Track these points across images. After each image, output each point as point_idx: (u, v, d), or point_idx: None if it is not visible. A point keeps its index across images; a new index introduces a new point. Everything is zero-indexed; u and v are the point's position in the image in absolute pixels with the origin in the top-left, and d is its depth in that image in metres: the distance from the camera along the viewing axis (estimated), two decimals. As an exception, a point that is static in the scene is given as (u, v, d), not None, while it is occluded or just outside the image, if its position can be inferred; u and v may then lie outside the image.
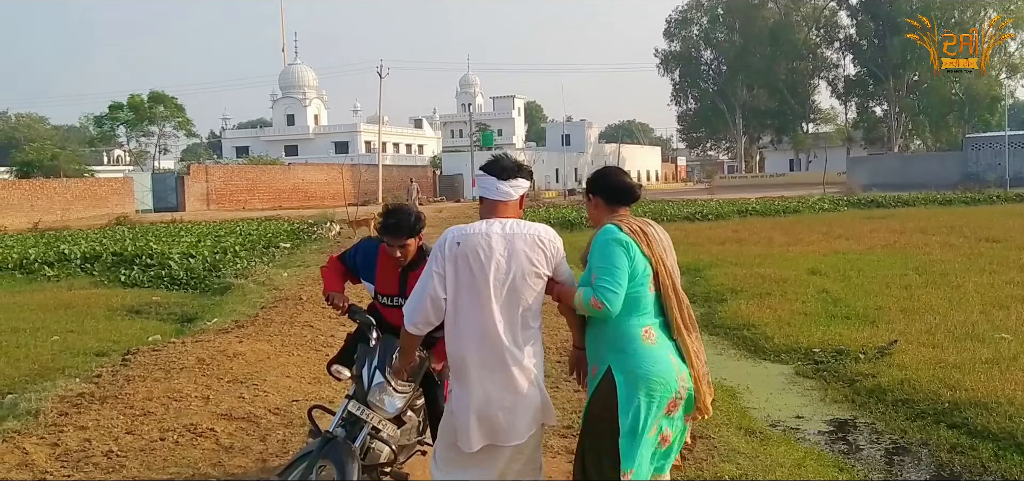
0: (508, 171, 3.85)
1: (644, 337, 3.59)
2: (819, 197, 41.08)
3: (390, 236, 4.60)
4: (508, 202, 3.84)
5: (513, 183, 3.85)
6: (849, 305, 11.96)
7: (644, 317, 3.63)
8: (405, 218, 4.59)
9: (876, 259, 17.08)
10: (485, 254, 3.62)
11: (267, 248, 22.74)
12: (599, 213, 3.92)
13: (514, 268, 3.63)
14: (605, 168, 4.08)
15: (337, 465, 4.12)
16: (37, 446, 6.05)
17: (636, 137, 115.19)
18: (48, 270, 18.23)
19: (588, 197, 4.01)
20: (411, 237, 4.63)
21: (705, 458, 5.47)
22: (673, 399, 3.60)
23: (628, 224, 3.73)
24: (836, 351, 9.23)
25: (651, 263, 3.67)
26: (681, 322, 3.71)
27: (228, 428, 6.40)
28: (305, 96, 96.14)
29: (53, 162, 56.47)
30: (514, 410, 3.63)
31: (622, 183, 3.95)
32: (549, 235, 3.78)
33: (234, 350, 9.03)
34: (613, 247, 3.60)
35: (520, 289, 3.63)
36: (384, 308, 4.87)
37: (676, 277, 3.76)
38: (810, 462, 5.78)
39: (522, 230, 3.71)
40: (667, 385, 3.57)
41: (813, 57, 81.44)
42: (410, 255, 4.68)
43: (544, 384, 3.79)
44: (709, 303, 13.22)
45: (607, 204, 3.91)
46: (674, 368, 3.61)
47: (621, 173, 4.04)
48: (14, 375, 8.90)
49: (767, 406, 7.67)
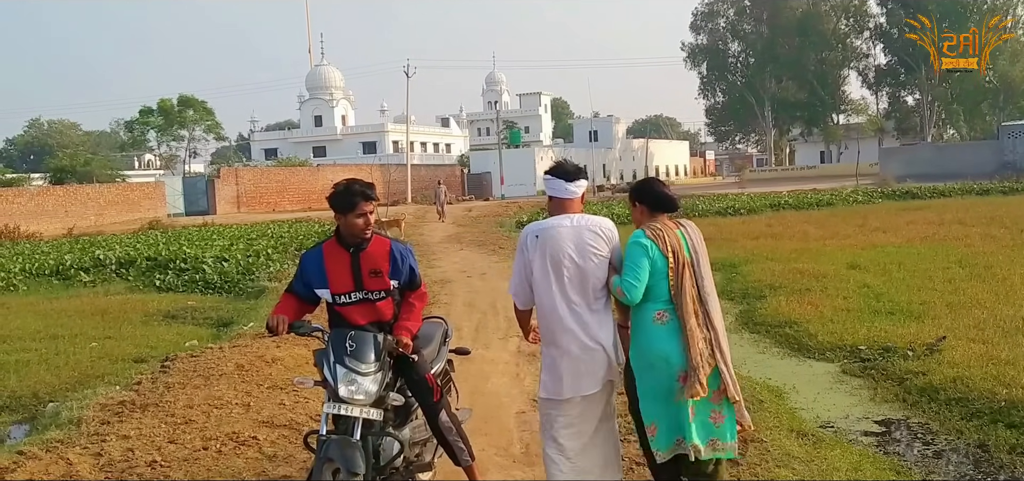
0: (572, 174, 4.62)
1: (656, 319, 4.37)
2: (852, 189, 40.60)
3: (362, 200, 4.56)
4: (574, 199, 4.61)
5: (577, 183, 4.62)
6: (892, 300, 11.73)
7: (658, 303, 4.39)
8: (359, 184, 4.63)
9: (916, 252, 16.78)
10: (562, 244, 4.43)
11: (299, 250, 22.75)
12: (643, 218, 4.61)
13: (583, 253, 4.43)
14: (649, 180, 4.80)
15: (341, 461, 4.10)
16: (81, 456, 6.03)
17: (664, 132, 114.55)
18: (84, 276, 18.37)
19: (634, 204, 4.70)
20: (371, 199, 4.60)
21: (759, 463, 5.33)
22: (679, 374, 4.28)
23: (652, 229, 4.45)
24: (883, 348, 9.02)
25: (668, 261, 4.37)
26: (685, 311, 4.35)
27: (270, 436, 6.35)
28: (332, 97, 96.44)
29: (86, 168, 57.07)
30: (590, 366, 4.43)
31: (664, 194, 4.64)
32: (608, 225, 4.60)
33: (272, 355, 8.99)
34: (635, 249, 4.40)
35: (587, 270, 4.44)
36: (343, 308, 4.64)
37: (696, 271, 4.46)
38: (867, 466, 5.62)
39: (587, 222, 4.52)
40: (667, 361, 4.31)
41: (843, 47, 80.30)
42: (371, 223, 4.62)
43: (612, 349, 4.50)
44: (747, 300, 13.02)
45: (651, 211, 4.60)
46: (679, 347, 4.29)
47: (662, 185, 4.73)
48: (55, 383, 8.94)
49: (816, 406, 7.50)
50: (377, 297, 4.65)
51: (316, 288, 4.69)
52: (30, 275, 18.52)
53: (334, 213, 4.64)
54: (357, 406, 4.23)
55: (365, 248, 4.65)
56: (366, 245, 4.65)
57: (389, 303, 4.69)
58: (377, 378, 4.28)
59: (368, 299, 4.64)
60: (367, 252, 4.65)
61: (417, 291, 4.79)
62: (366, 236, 4.62)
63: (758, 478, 5.11)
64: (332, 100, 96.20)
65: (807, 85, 79.32)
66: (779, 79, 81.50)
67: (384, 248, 4.69)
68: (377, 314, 4.65)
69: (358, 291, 4.61)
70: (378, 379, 4.29)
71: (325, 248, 4.73)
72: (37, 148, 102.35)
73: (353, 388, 4.23)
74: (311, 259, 4.75)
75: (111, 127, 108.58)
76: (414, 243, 19.35)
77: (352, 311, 4.64)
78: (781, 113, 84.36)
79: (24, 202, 42.09)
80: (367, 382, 4.25)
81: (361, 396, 4.23)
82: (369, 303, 4.65)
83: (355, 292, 4.62)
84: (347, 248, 4.65)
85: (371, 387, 4.26)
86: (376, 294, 4.65)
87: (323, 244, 4.76)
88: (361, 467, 4.13)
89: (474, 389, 5.07)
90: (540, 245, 4.47)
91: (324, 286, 4.66)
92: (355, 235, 4.61)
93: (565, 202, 4.60)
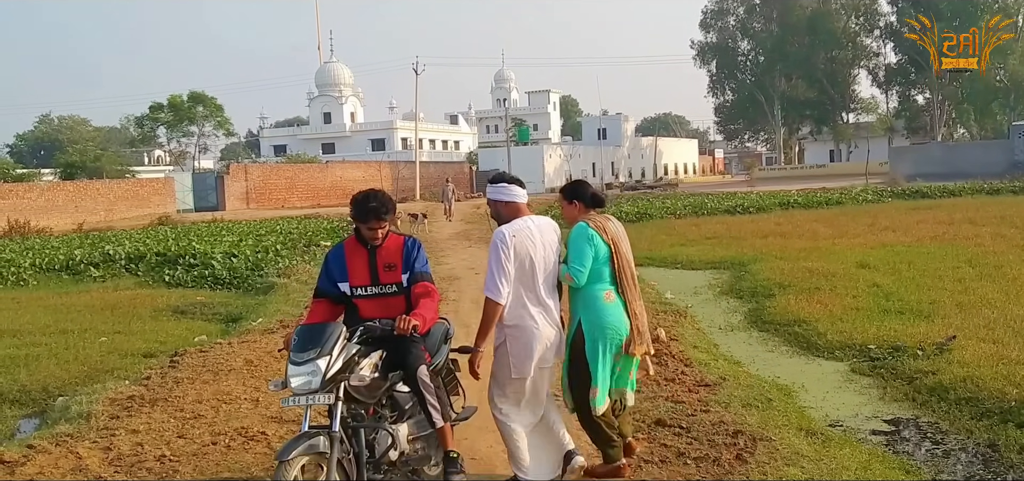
0: (519, 182, 5.28)
1: (605, 298, 5.16)
2: (862, 188, 40.44)
3: (374, 219, 4.84)
4: (525, 203, 5.26)
5: (524, 191, 5.27)
6: (902, 299, 11.69)
7: (605, 284, 5.18)
8: (384, 198, 4.93)
9: (926, 251, 16.71)
10: (532, 241, 5.07)
11: (308, 246, 22.84)
12: (579, 213, 5.34)
13: (547, 249, 5.14)
14: (581, 182, 5.59)
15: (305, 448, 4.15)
16: (90, 450, 6.05)
17: (673, 130, 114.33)
18: (94, 271, 18.45)
19: (570, 202, 5.41)
20: (386, 219, 4.90)
21: (767, 461, 5.31)
22: (625, 341, 5.16)
23: (594, 221, 5.23)
24: (892, 347, 8.99)
25: (610, 248, 5.18)
26: (626, 288, 5.22)
27: (279, 431, 6.36)
28: (341, 94, 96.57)
29: (96, 164, 57.19)
30: (551, 344, 5.13)
31: (597, 193, 5.48)
32: (555, 225, 5.34)
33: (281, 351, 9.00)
34: (581, 240, 5.13)
35: (550, 263, 5.16)
36: (359, 300, 4.95)
37: (627, 257, 5.29)
38: (876, 464, 5.59)
39: (543, 223, 5.25)
40: (618, 331, 5.14)
41: (853, 46, 79.97)
42: (384, 232, 4.91)
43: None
44: (756, 298, 12.98)
45: (586, 208, 5.35)
46: (625, 320, 5.18)
47: (591, 186, 5.55)
48: (64, 377, 8.97)
49: (824, 405, 7.47)
50: (391, 292, 4.94)
51: (338, 282, 4.98)
52: (40, 270, 18.60)
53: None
54: (302, 395, 4.28)
55: (381, 244, 4.98)
56: (382, 242, 4.98)
57: (402, 300, 4.94)
58: (317, 365, 4.28)
59: (383, 294, 4.93)
60: (384, 247, 4.98)
61: (423, 285, 4.89)
62: (376, 244, 4.94)
63: (767, 477, 5.08)
64: (341, 97, 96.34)
65: (817, 84, 78.98)
66: (789, 77, 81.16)
67: (398, 243, 5.01)
68: (388, 309, 4.87)
69: (374, 286, 4.93)
70: (318, 366, 4.28)
71: (346, 244, 5.08)
72: (47, 143, 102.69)
73: (297, 380, 4.29)
74: (335, 255, 5.09)
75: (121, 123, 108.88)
76: (422, 240, 19.16)
77: (367, 304, 4.94)
78: (790, 112, 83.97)
79: (34, 197, 42.25)
80: (305, 371, 4.28)
81: (303, 385, 4.27)
82: (384, 297, 4.93)
83: (371, 286, 4.93)
84: (365, 245, 4.97)
85: (310, 377, 4.27)
86: (390, 288, 4.93)
87: (345, 241, 5.12)
88: (322, 447, 4.19)
89: (483, 385, 5.07)
90: (517, 243, 5.01)
91: (344, 279, 4.96)
92: (369, 239, 4.95)
93: (521, 206, 5.20)
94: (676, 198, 39.34)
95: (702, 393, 7.02)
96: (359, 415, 4.60)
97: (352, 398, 4.50)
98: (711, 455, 5.47)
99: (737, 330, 11.18)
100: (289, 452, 4.10)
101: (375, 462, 4.62)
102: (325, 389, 4.30)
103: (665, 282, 15.19)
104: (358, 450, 4.50)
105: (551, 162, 72.11)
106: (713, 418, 6.25)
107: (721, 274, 16.27)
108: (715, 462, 5.35)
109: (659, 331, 9.53)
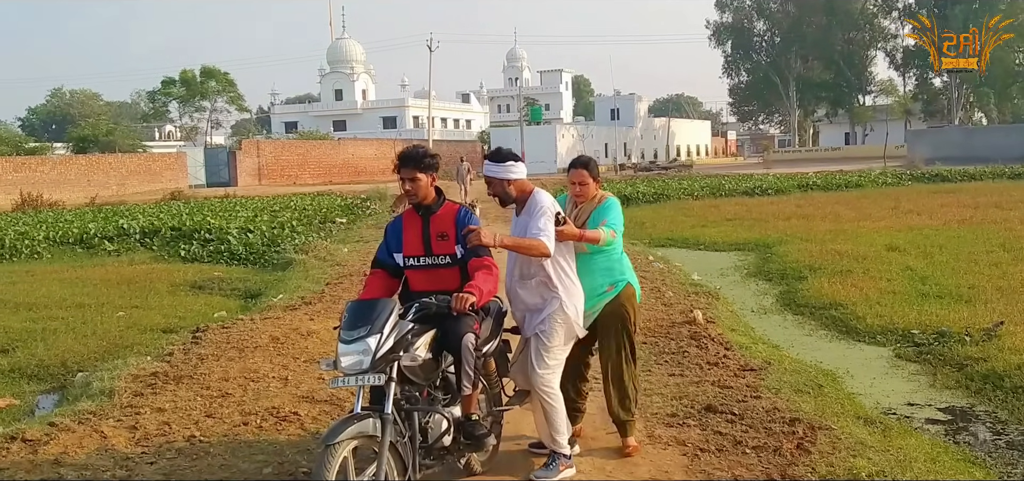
0: (515, 157, 4.98)
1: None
2: (881, 171, 40.00)
3: (406, 166, 4.65)
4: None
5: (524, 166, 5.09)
6: (939, 284, 11.40)
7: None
8: (425, 151, 4.74)
9: (956, 235, 16.39)
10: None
11: (323, 223, 22.60)
12: (595, 189, 5.28)
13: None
14: (588, 158, 5.40)
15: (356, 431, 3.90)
16: (115, 429, 5.79)
17: (685, 111, 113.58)
18: (108, 245, 18.23)
19: (595, 179, 5.26)
20: (418, 169, 4.62)
21: (831, 452, 5.01)
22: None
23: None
24: (936, 333, 8.70)
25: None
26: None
27: (312, 412, 6.09)
28: (353, 71, 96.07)
29: (108, 138, 56.99)
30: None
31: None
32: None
33: (307, 328, 8.77)
34: (619, 207, 5.27)
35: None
36: (410, 271, 4.75)
37: None
38: (944, 457, 5.29)
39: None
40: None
41: (870, 27, 79.28)
42: (420, 192, 4.66)
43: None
44: (786, 280, 12.71)
45: (595, 181, 5.29)
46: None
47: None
48: (83, 352, 8.74)
49: (873, 391, 7.19)
50: (443, 263, 4.68)
51: (394, 252, 4.79)
52: (54, 243, 18.38)
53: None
54: (352, 375, 4.03)
55: (436, 211, 4.73)
56: (437, 208, 4.73)
57: (456, 273, 4.67)
58: (367, 343, 4.03)
59: (435, 264, 4.69)
60: (437, 215, 4.72)
61: (481, 259, 4.59)
62: (413, 200, 4.73)
63: (834, 468, 4.79)
64: (353, 74, 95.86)
65: (833, 65, 78.35)
66: (805, 59, 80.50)
67: (451, 211, 4.76)
68: (440, 282, 4.64)
69: (426, 256, 4.69)
70: (368, 344, 4.03)
71: (405, 215, 4.85)
72: (59, 117, 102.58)
73: (347, 360, 4.05)
74: (394, 224, 4.89)
75: (132, 98, 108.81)
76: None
77: (418, 276, 4.72)
78: (806, 93, 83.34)
79: (47, 171, 42.12)
80: (355, 350, 4.03)
81: (353, 365, 4.03)
82: (435, 269, 4.69)
83: (424, 257, 4.69)
84: (419, 212, 4.73)
85: (361, 356, 4.02)
86: (442, 259, 4.68)
87: (405, 212, 4.87)
88: (373, 430, 3.94)
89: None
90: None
91: (399, 250, 4.76)
92: (407, 195, 4.75)
93: (527, 183, 5.02)
94: (692, 179, 38.93)
95: (749, 378, 6.73)
96: (413, 397, 4.31)
97: (406, 379, 4.23)
98: (770, 444, 5.18)
99: (770, 313, 10.90)
100: (336, 435, 3.82)
101: (427, 447, 4.37)
102: (376, 369, 4.03)
103: (690, 263, 14.90)
104: (412, 433, 4.23)
105: (564, 142, 71.59)
106: (765, 405, 5.95)
107: (746, 256, 16.01)
108: (776, 452, 5.05)
109: (695, 312, 9.25)
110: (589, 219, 5.15)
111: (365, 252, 16.65)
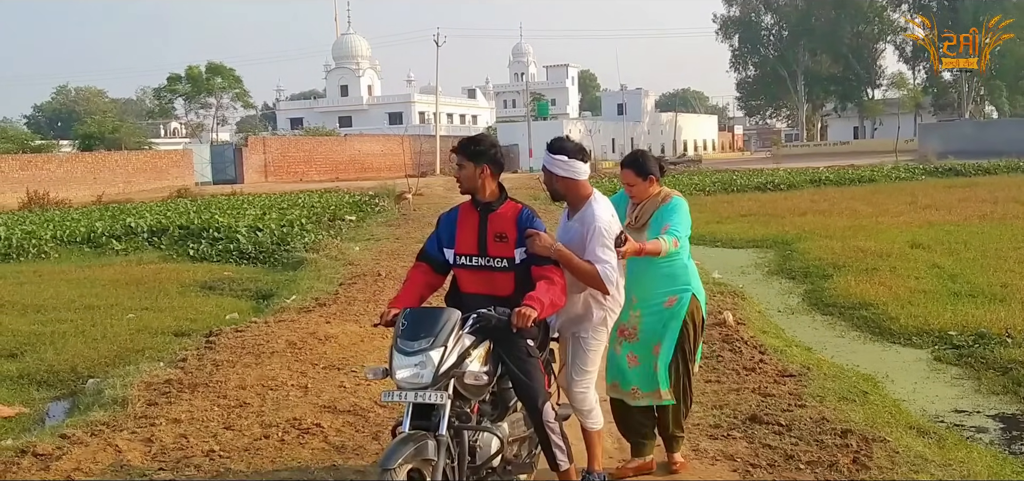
0: (583, 154, 4.51)
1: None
2: (893, 165, 39.61)
3: (455, 152, 4.32)
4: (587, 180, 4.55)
5: (586, 167, 4.52)
6: (969, 282, 11.11)
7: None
8: (472, 137, 4.34)
9: (979, 231, 16.11)
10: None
11: (332, 221, 22.26)
12: (654, 186, 4.80)
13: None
14: (646, 153, 4.99)
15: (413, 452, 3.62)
16: (130, 443, 5.51)
17: (692, 106, 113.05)
18: (116, 244, 17.96)
19: (649, 177, 4.76)
20: (466, 156, 4.21)
21: (890, 466, 4.71)
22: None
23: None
24: (976, 334, 8.39)
25: None
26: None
27: (335, 423, 5.80)
28: (358, 66, 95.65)
29: (114, 135, 56.68)
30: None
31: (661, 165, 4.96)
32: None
33: (324, 332, 8.47)
34: (687, 212, 4.79)
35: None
36: (462, 271, 4.30)
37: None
38: (1005, 469, 5.01)
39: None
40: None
41: (879, 20, 78.67)
42: (467, 181, 4.23)
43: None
44: (810, 279, 12.44)
45: (658, 180, 4.81)
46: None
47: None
48: (93, 356, 8.48)
49: (917, 397, 6.89)
50: (499, 266, 4.23)
51: (445, 247, 4.37)
52: (61, 242, 18.11)
53: None
54: (410, 389, 3.73)
55: (495, 208, 4.26)
56: (497, 206, 4.26)
57: (510, 278, 4.21)
58: (430, 356, 3.73)
59: (489, 267, 4.24)
60: (497, 213, 4.25)
61: (544, 268, 4.15)
62: (465, 189, 4.28)
63: (897, 486, 4.50)
64: (358, 69, 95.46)
65: (842, 59, 77.70)
66: (813, 52, 79.88)
67: (513, 211, 4.26)
68: (492, 286, 4.22)
69: (480, 256, 4.25)
70: (432, 358, 3.73)
71: (461, 207, 4.40)
72: (64, 115, 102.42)
73: (404, 372, 3.75)
74: (447, 216, 4.45)
75: (137, 94, 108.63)
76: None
77: (467, 276, 4.31)
78: (814, 87, 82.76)
79: (53, 168, 41.90)
80: (414, 362, 3.74)
81: (412, 378, 3.73)
82: (488, 271, 4.25)
83: (477, 257, 4.25)
84: (477, 207, 4.29)
85: (420, 370, 3.72)
86: (498, 262, 4.23)
87: (461, 203, 4.41)
88: (431, 453, 3.65)
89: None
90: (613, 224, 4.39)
91: (451, 245, 4.34)
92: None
93: (583, 184, 4.50)
94: (702, 174, 38.64)
95: (789, 384, 6.44)
96: (464, 414, 3.98)
97: (458, 395, 3.92)
98: (824, 458, 4.88)
99: (798, 313, 10.60)
100: (394, 459, 3.52)
101: (475, 467, 4.03)
102: (437, 385, 3.73)
103: (709, 260, 14.60)
104: (460, 452, 3.92)
105: (571, 137, 71.14)
106: (812, 414, 5.65)
107: (765, 253, 15.72)
108: (831, 466, 4.76)
109: (725, 314, 8.95)
110: (650, 221, 4.70)
111: (377, 251, 16.39)
